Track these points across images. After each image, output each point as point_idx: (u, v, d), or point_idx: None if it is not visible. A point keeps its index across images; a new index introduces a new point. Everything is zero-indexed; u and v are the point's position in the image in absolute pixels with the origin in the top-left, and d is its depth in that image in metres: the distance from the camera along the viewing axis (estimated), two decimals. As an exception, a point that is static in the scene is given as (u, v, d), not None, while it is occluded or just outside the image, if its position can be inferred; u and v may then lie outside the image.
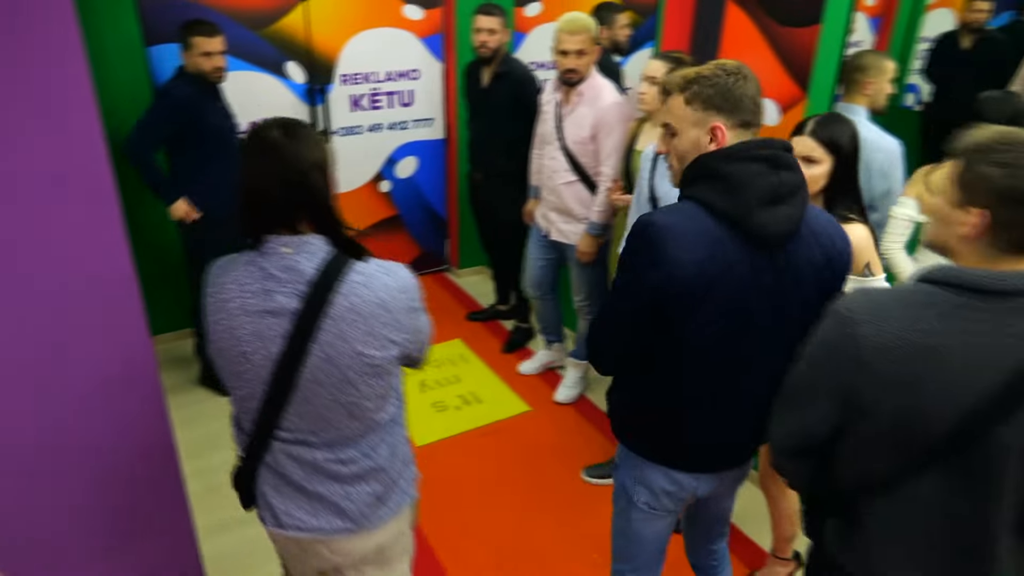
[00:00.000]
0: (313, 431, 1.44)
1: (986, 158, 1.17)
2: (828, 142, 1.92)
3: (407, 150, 4.54)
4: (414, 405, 3.52)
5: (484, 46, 3.47)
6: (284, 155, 1.31)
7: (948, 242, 1.26)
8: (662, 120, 1.57)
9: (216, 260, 1.46)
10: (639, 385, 1.65)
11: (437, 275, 4.96)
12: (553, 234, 3.33)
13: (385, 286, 1.41)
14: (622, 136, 3.03)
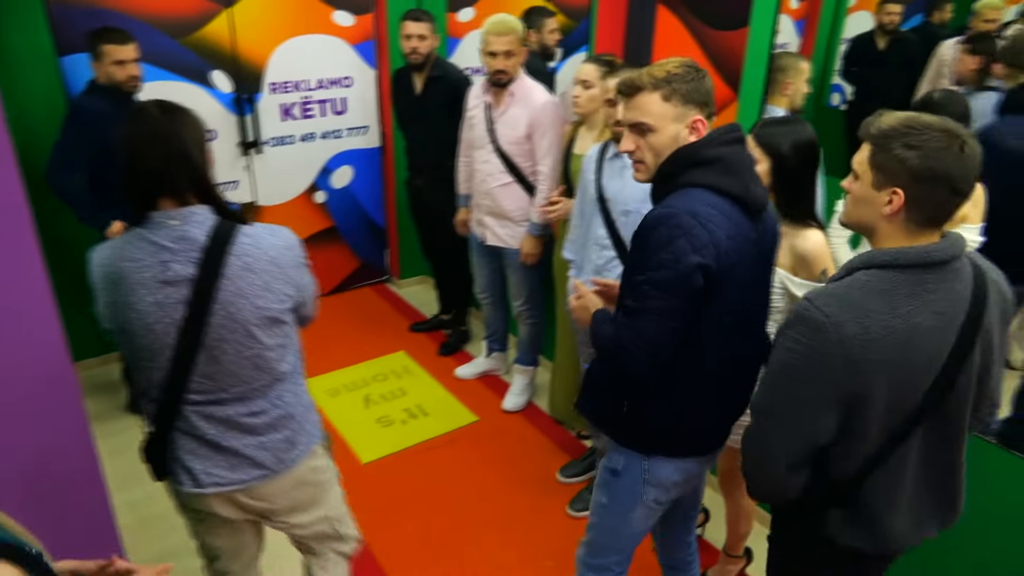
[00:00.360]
0: (223, 388, 1.57)
1: (898, 142, 1.29)
2: (765, 144, 1.98)
3: (342, 159, 4.49)
4: (358, 421, 3.48)
5: (415, 52, 3.48)
6: (166, 131, 1.45)
7: (870, 222, 1.38)
8: (632, 119, 1.62)
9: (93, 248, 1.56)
10: (659, 380, 1.66)
11: (378, 286, 4.93)
12: (489, 239, 3.36)
13: (273, 245, 1.56)
14: (557, 135, 3.09)
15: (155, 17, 3.61)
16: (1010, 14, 2.34)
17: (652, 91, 1.59)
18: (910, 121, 1.31)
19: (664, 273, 1.52)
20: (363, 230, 4.76)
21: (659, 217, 1.53)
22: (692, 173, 1.59)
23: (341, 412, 3.55)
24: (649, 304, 1.55)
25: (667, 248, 1.51)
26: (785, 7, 2.50)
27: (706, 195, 1.57)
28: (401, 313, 4.58)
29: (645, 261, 1.54)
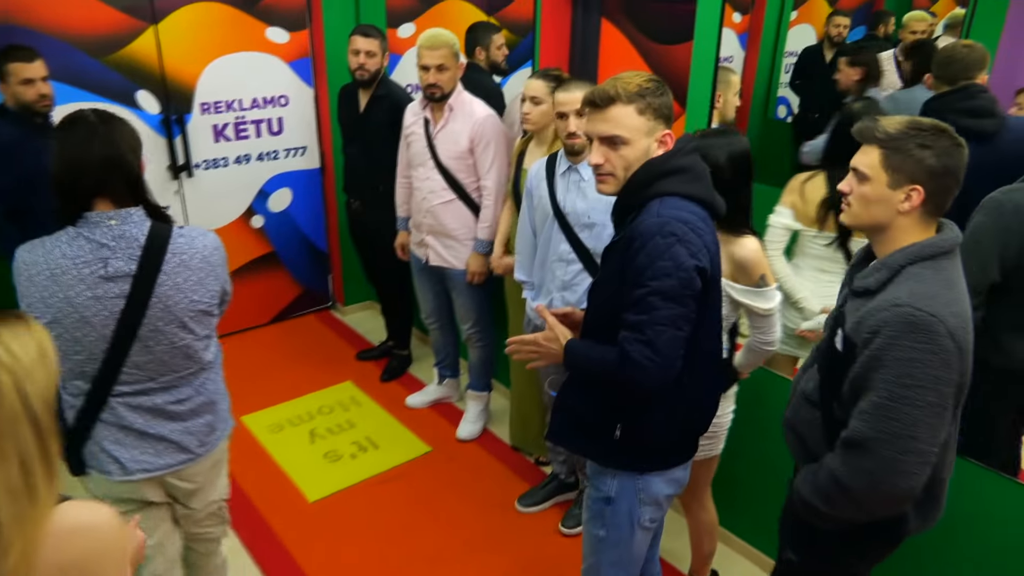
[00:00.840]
0: (152, 378, 1.74)
1: (912, 142, 1.45)
2: (703, 156, 1.96)
3: (280, 181, 4.41)
4: (303, 458, 3.38)
5: (362, 68, 3.45)
6: (105, 135, 1.61)
7: (885, 220, 1.52)
8: (605, 131, 1.65)
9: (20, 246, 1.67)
10: (656, 393, 1.70)
11: (321, 313, 4.83)
12: (432, 259, 3.33)
13: (204, 245, 1.76)
14: (501, 149, 3.10)
15: (75, 36, 3.49)
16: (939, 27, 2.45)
17: (627, 104, 1.63)
18: (915, 124, 1.47)
19: (668, 282, 1.57)
20: (304, 255, 4.67)
21: (651, 227, 1.58)
22: (663, 182, 1.65)
23: (285, 448, 3.44)
24: (657, 315, 1.58)
25: (665, 256, 1.57)
26: (728, 21, 2.56)
27: (682, 202, 1.65)
28: (347, 341, 4.49)
29: (644, 272, 1.58)
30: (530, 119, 2.79)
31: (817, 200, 2.37)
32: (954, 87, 2.19)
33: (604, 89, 1.64)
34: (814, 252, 2.44)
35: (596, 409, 1.79)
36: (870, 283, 1.53)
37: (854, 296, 1.59)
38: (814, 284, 2.46)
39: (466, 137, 3.07)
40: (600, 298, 1.78)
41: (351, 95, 3.66)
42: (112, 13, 3.58)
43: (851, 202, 1.56)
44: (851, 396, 1.54)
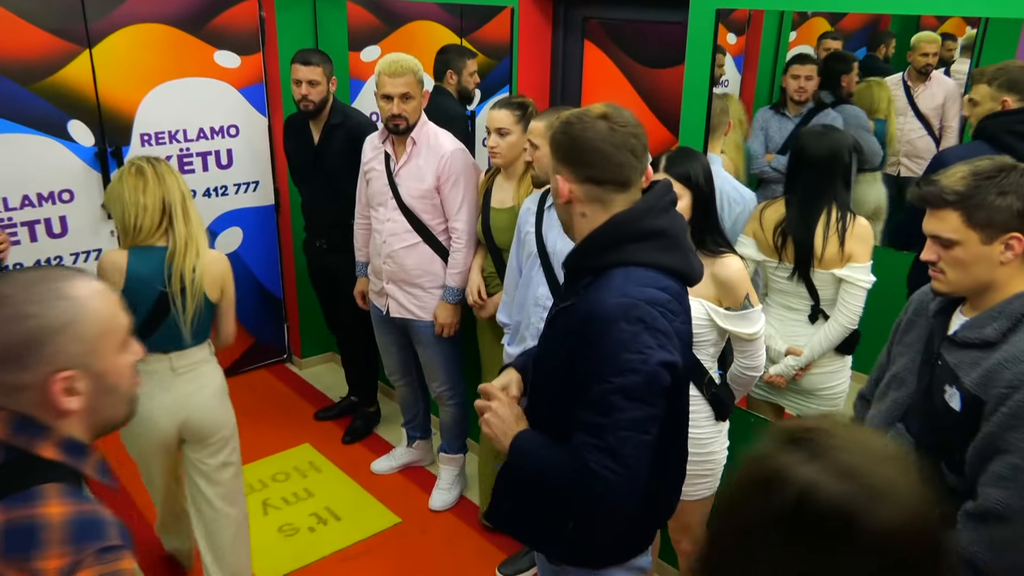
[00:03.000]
0: None
1: (989, 193, 1.52)
2: (683, 177, 2.14)
3: (229, 219, 4.40)
4: (256, 532, 3.30)
5: (305, 100, 3.47)
6: None
7: (988, 278, 1.57)
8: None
9: None
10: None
11: (276, 367, 4.78)
12: (393, 310, 3.30)
13: None
14: (471, 186, 3.10)
15: (-2, 61, 3.50)
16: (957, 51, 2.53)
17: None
18: (978, 172, 1.54)
19: (632, 378, 1.45)
20: (256, 302, 4.63)
21: (614, 309, 1.47)
22: (632, 249, 1.55)
23: (234, 522, 3.37)
24: (620, 417, 1.46)
25: (631, 347, 1.45)
26: (722, 43, 2.63)
27: (653, 275, 1.54)
28: (304, 398, 4.44)
29: (606, 365, 1.46)
30: (498, 152, 2.82)
31: (772, 226, 2.45)
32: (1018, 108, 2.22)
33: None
34: (778, 286, 2.50)
35: (541, 498, 1.69)
36: (988, 334, 1.57)
37: (960, 347, 1.62)
38: (779, 324, 2.50)
39: (432, 174, 3.06)
40: (545, 369, 1.69)
41: (300, 126, 3.68)
42: (41, 35, 3.59)
43: (944, 269, 1.60)
44: (979, 460, 1.54)
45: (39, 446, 1.11)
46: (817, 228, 2.36)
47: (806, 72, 2.73)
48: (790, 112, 2.78)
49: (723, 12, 2.53)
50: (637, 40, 3.05)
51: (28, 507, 1.06)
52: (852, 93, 2.72)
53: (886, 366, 1.89)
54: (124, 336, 1.20)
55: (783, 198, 2.47)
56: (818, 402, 2.52)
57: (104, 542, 1.07)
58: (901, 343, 1.83)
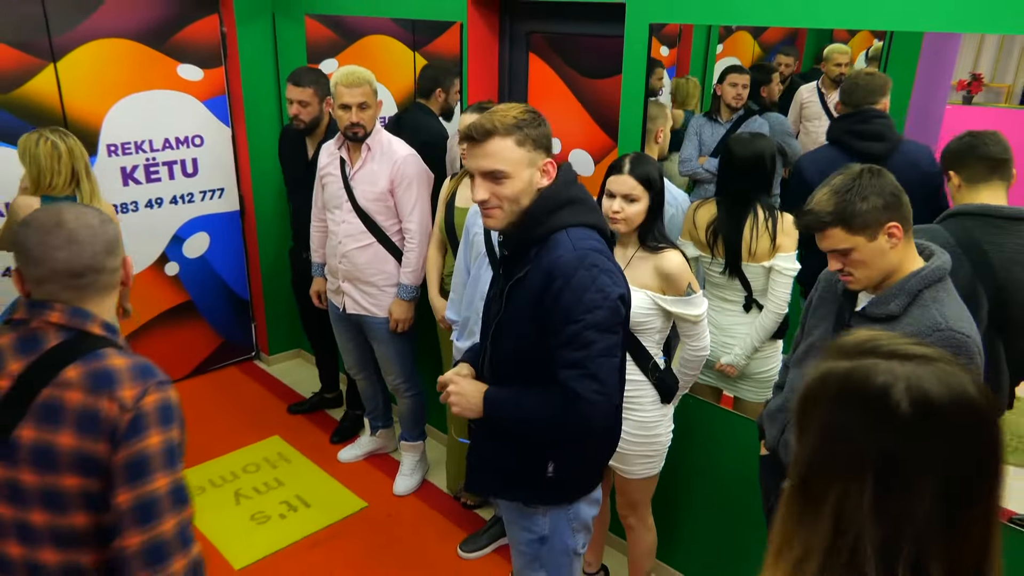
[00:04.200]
0: None
1: (854, 203, 1.67)
2: (644, 179, 2.20)
3: (196, 225, 4.32)
4: (228, 521, 3.27)
5: (297, 118, 3.42)
6: None
7: (890, 265, 1.71)
8: (486, 166, 1.69)
9: None
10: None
11: (245, 364, 4.71)
12: (349, 307, 3.30)
13: None
14: (423, 189, 3.12)
15: (-36, 75, 3.39)
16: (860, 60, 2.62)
17: (505, 136, 1.68)
18: (838, 188, 1.69)
19: (600, 314, 1.64)
20: (224, 303, 4.56)
21: (570, 261, 1.65)
22: (563, 214, 1.73)
23: (208, 512, 3.32)
24: (595, 348, 1.65)
25: (592, 288, 1.64)
26: (656, 55, 2.68)
27: (587, 231, 1.74)
28: (273, 393, 4.39)
29: (575, 308, 1.64)
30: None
31: (704, 224, 2.51)
32: (853, 111, 2.39)
33: (481, 123, 1.68)
34: (713, 280, 2.57)
35: (520, 451, 1.83)
36: (892, 309, 1.71)
37: (869, 320, 1.75)
38: (717, 314, 2.57)
39: (386, 177, 3.07)
40: (508, 338, 1.81)
41: (295, 139, 3.62)
42: (5, 50, 3.49)
43: (852, 273, 1.74)
44: None
45: (89, 326, 1.42)
46: (745, 226, 2.42)
47: (743, 81, 2.80)
48: (722, 118, 2.84)
49: (656, 26, 2.57)
50: (577, 52, 3.08)
51: (98, 361, 1.38)
52: (774, 102, 2.80)
53: (799, 338, 2.04)
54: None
55: (714, 199, 2.53)
56: (754, 384, 2.59)
57: (158, 378, 1.42)
58: (815, 316, 1.97)
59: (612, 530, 2.96)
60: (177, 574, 1.34)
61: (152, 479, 1.33)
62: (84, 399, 1.34)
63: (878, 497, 0.81)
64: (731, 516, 2.70)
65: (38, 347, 1.39)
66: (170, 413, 1.40)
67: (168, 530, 1.34)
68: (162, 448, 1.36)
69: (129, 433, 1.33)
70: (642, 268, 2.25)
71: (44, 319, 1.40)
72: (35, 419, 1.34)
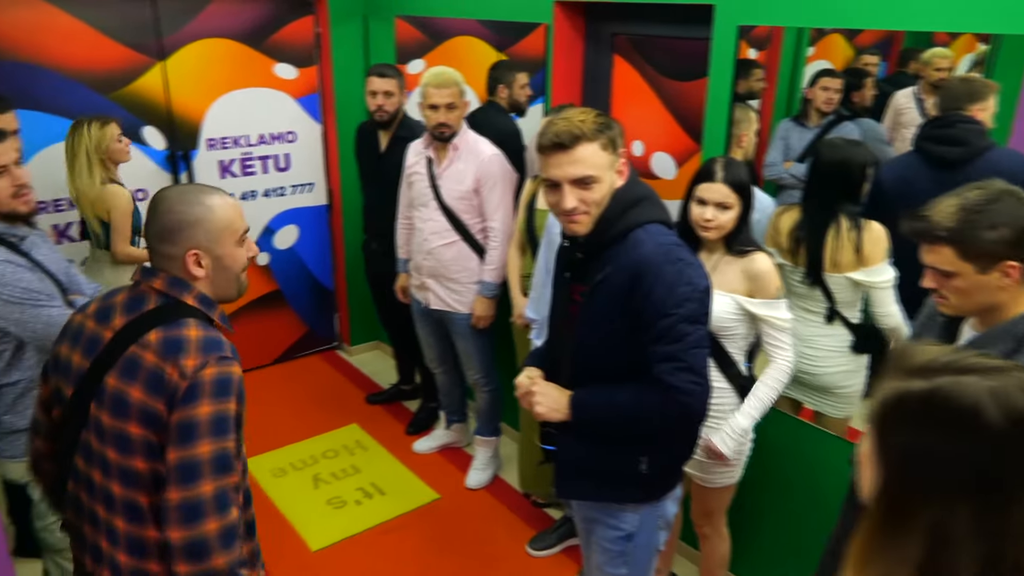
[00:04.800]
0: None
1: (979, 227, 1.46)
2: (738, 186, 2.15)
3: (286, 218, 4.49)
4: (307, 503, 3.39)
5: (380, 110, 3.48)
6: None
7: (991, 302, 1.53)
8: (577, 173, 1.67)
9: None
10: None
11: (327, 353, 4.87)
12: (432, 302, 3.35)
13: None
14: (507, 189, 3.14)
15: (80, 71, 3.61)
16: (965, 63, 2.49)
17: (592, 141, 1.67)
18: (966, 205, 1.49)
19: (690, 306, 1.66)
20: (310, 294, 4.72)
21: (656, 256, 1.67)
22: (637, 211, 1.74)
23: (288, 494, 3.45)
24: (689, 340, 1.67)
25: (682, 281, 1.66)
26: (743, 55, 2.62)
27: (659, 227, 1.75)
28: (353, 383, 4.51)
29: (666, 302, 1.65)
30: None
31: (787, 231, 2.43)
32: (940, 116, 2.28)
33: (568, 129, 1.64)
34: (795, 290, 2.48)
35: (611, 451, 1.83)
36: (994, 352, 1.53)
37: None
38: (798, 324, 2.48)
39: (471, 177, 3.12)
40: (589, 341, 1.79)
41: (370, 134, 3.71)
42: (119, 49, 3.70)
43: (947, 295, 1.57)
44: None
45: (184, 296, 1.54)
46: (828, 235, 2.34)
47: (835, 85, 2.70)
48: (810, 123, 2.76)
49: (745, 28, 2.52)
50: (663, 54, 3.05)
51: (177, 329, 1.48)
52: (866, 107, 2.69)
53: None
54: (240, 235, 1.58)
55: (799, 204, 2.46)
56: (836, 399, 2.50)
57: (222, 353, 1.48)
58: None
59: (683, 538, 2.92)
60: (209, 534, 1.41)
61: (197, 444, 1.42)
62: (156, 361, 1.46)
63: (980, 515, 0.80)
64: (808, 531, 2.62)
65: (139, 308, 1.53)
66: (227, 387, 1.46)
67: (205, 492, 1.42)
68: (211, 417, 1.43)
69: (184, 399, 1.42)
70: (728, 272, 2.21)
71: (150, 284, 1.54)
72: (119, 370, 1.48)
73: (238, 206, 1.60)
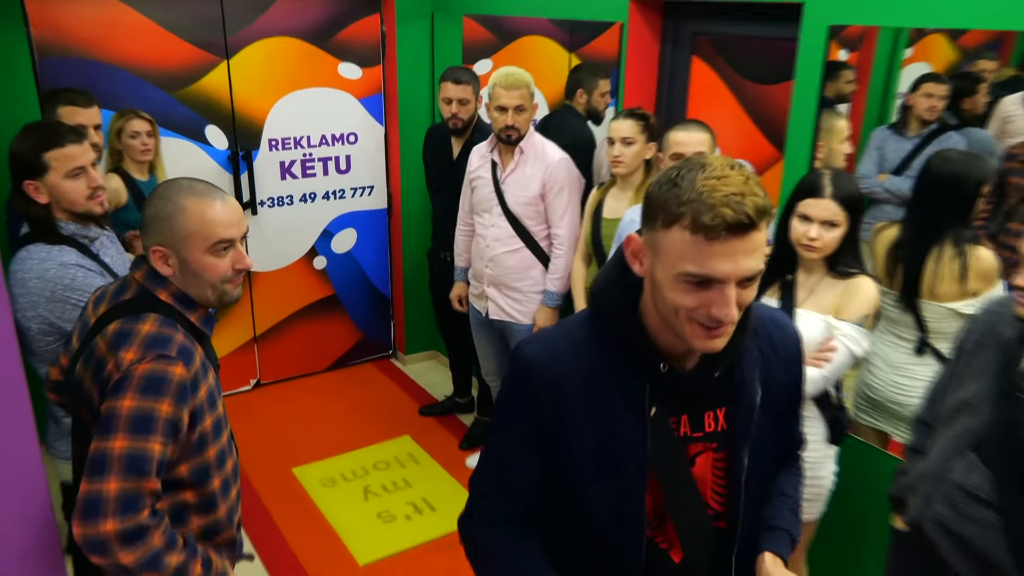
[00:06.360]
0: None
1: None
2: (847, 202, 2.04)
3: (345, 221, 4.54)
4: (356, 516, 3.40)
5: (455, 118, 3.46)
6: None
7: None
8: (751, 269, 1.09)
9: None
10: None
11: (382, 362, 4.90)
12: (492, 312, 3.32)
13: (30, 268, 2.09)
14: (575, 195, 3.10)
15: (148, 69, 3.73)
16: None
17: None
18: None
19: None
20: (366, 300, 4.77)
21: (788, 329, 1.41)
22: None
23: (337, 505, 3.47)
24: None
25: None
26: (832, 57, 2.54)
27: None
28: (407, 392, 4.53)
29: (798, 384, 1.43)
30: (623, 162, 2.80)
31: (884, 249, 2.32)
32: None
33: (755, 204, 1.07)
34: (888, 314, 2.37)
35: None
36: None
37: None
38: (887, 349, 2.37)
39: (538, 181, 3.09)
40: (757, 478, 1.33)
41: (441, 139, 3.70)
42: (186, 47, 3.81)
43: None
44: None
45: (159, 291, 1.56)
46: (929, 258, 2.21)
47: (940, 91, 2.56)
48: (909, 132, 2.64)
49: (836, 28, 2.44)
50: (745, 55, 2.98)
51: (132, 323, 1.51)
52: (977, 115, 2.55)
53: (946, 388, 1.79)
54: (214, 244, 1.54)
55: (900, 221, 2.34)
56: None
57: (164, 351, 1.47)
58: (970, 366, 1.72)
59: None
60: (106, 535, 1.38)
61: (111, 437, 1.41)
62: (103, 350, 1.50)
63: None
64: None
65: (119, 297, 1.58)
66: (159, 386, 1.44)
67: (108, 490, 1.39)
68: (132, 413, 1.42)
69: (113, 391, 1.45)
70: (826, 296, 2.11)
71: (133, 275, 1.60)
72: (84, 356, 1.54)
73: (222, 214, 1.55)
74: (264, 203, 4.22)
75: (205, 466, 1.58)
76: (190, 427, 1.51)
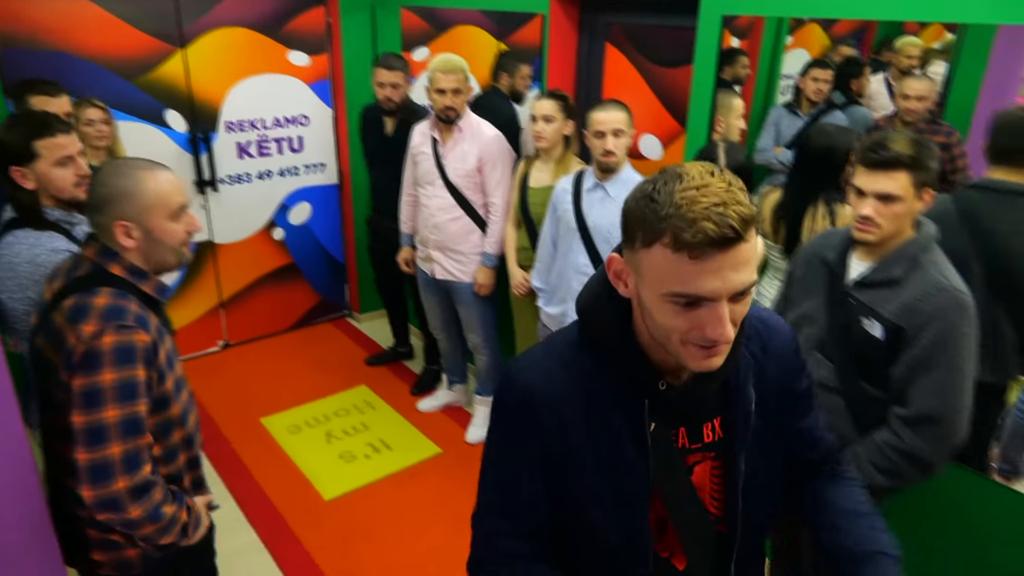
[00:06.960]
0: None
1: (927, 158, 1.60)
2: (737, 169, 2.13)
3: (300, 196, 4.42)
4: (320, 458, 3.37)
5: (389, 100, 3.43)
6: None
7: (901, 227, 1.65)
8: (742, 283, 0.91)
9: None
10: None
11: (338, 320, 4.83)
12: (438, 273, 3.32)
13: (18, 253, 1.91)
14: (507, 168, 3.11)
15: (108, 58, 3.52)
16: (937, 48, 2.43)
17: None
18: (917, 140, 1.61)
19: None
20: (322, 266, 4.67)
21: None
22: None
23: (303, 448, 3.44)
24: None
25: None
26: (726, 44, 2.57)
27: None
28: (362, 347, 4.48)
29: (802, 361, 1.23)
30: (544, 137, 2.81)
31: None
32: None
33: (738, 213, 0.90)
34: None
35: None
36: (895, 273, 1.64)
37: (869, 287, 1.68)
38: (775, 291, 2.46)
39: (475, 157, 3.07)
40: (760, 470, 1.17)
41: (375, 118, 3.64)
42: (143, 38, 3.61)
43: (880, 224, 1.63)
44: (907, 377, 1.63)
45: (111, 265, 1.49)
46: (806, 217, 2.29)
47: (825, 76, 2.62)
48: (802, 111, 2.69)
49: (728, 18, 2.46)
50: (652, 42, 2.99)
51: (87, 296, 1.44)
52: (862, 95, 2.62)
53: (784, 309, 1.98)
54: (175, 210, 1.51)
55: (782, 185, 2.41)
56: None
57: (122, 321, 1.42)
58: (800, 288, 1.90)
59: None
60: (119, 492, 1.40)
61: (102, 409, 1.39)
62: (62, 325, 1.44)
63: None
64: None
65: (72, 274, 1.51)
66: (130, 354, 1.42)
67: (113, 454, 1.40)
68: (116, 384, 1.40)
69: (83, 365, 1.39)
70: None
71: (85, 252, 1.52)
72: (43, 331, 1.49)
73: (175, 181, 1.53)
74: (224, 180, 4.07)
75: (169, 422, 1.55)
76: (156, 386, 1.49)
